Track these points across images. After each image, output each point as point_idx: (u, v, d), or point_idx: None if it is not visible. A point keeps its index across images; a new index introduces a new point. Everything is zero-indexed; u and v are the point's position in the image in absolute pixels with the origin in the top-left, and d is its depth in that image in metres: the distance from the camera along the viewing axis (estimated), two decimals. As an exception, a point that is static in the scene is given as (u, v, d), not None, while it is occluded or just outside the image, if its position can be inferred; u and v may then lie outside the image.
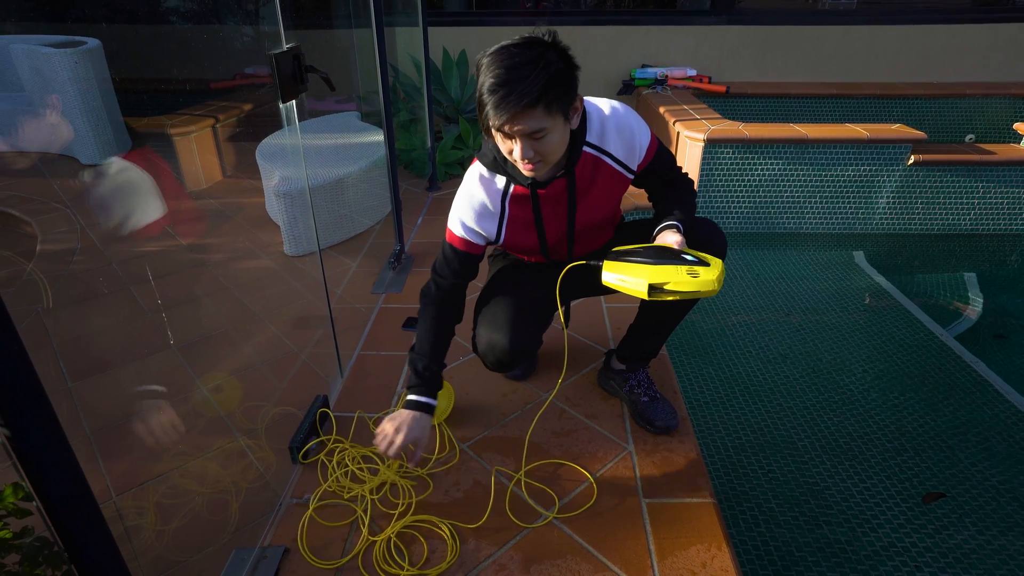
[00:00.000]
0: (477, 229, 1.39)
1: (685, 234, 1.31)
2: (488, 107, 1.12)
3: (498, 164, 1.32)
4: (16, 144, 3.29)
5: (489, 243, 1.44)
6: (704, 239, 1.38)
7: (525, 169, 1.22)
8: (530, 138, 1.15)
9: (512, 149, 1.18)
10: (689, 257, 1.20)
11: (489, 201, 1.37)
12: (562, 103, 1.15)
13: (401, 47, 3.99)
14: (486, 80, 1.12)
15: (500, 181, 1.36)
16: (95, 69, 3.04)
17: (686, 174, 1.45)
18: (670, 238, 1.26)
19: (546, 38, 1.14)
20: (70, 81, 2.97)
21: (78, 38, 3.05)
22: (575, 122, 1.23)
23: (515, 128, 1.13)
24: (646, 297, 1.18)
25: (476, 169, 1.37)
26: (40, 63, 3.05)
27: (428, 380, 1.41)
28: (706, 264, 1.19)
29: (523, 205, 1.37)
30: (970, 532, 1.61)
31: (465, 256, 1.42)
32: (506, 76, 1.09)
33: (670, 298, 1.19)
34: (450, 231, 1.42)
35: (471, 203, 1.37)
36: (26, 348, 0.67)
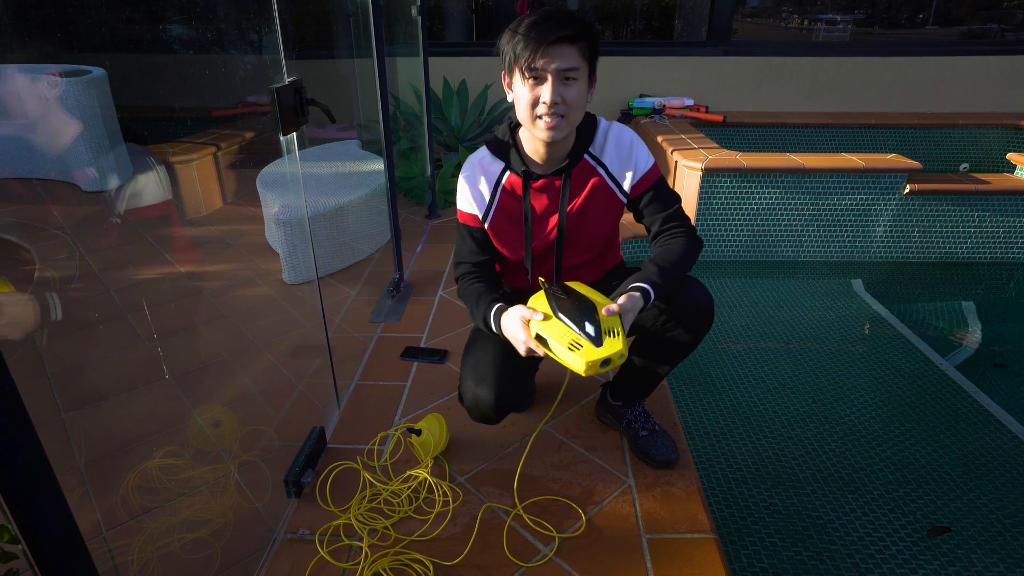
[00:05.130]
0: (474, 206, 1.42)
1: (659, 298, 1.28)
2: (529, 39, 1.16)
3: (501, 147, 1.36)
4: (17, 171, 3.30)
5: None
6: (686, 304, 1.35)
7: (546, 127, 1.23)
8: (561, 78, 1.18)
9: (539, 96, 1.20)
10: (590, 328, 1.15)
11: (483, 182, 1.40)
12: (593, 55, 1.21)
13: (402, 76, 4.05)
14: (525, 21, 1.17)
15: (497, 166, 1.39)
16: (99, 97, 3.08)
17: (693, 228, 1.40)
18: (618, 300, 1.22)
19: None
20: (74, 109, 3.01)
21: (83, 67, 3.10)
22: (591, 97, 1.27)
23: (551, 63, 1.17)
24: (534, 342, 1.19)
25: (480, 151, 1.42)
26: (44, 92, 3.09)
27: (491, 301, 1.35)
28: (598, 344, 1.13)
29: (514, 196, 1.39)
30: (976, 569, 1.58)
31: (479, 231, 1.44)
32: (551, 13, 1.16)
33: (550, 355, 1.18)
34: (459, 210, 1.46)
35: (468, 181, 1.41)
36: (17, 387, 0.66)
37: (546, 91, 1.20)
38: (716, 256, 3.36)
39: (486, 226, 1.43)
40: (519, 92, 1.23)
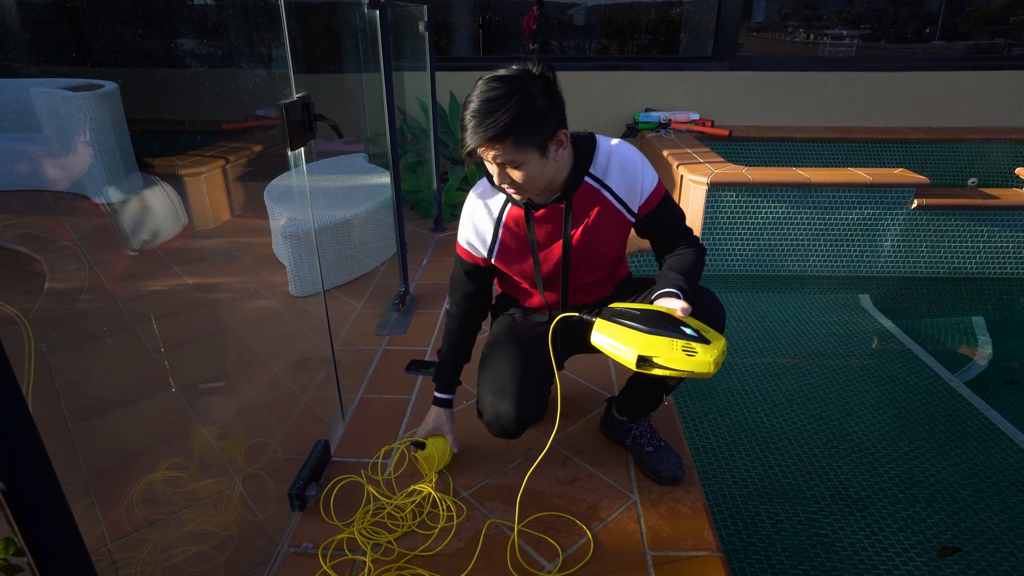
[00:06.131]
0: (474, 244, 1.44)
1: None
2: (464, 132, 1.19)
3: None
4: (30, 182, 3.35)
5: (486, 261, 1.48)
6: (704, 309, 1.34)
7: (510, 192, 1.28)
8: (504, 167, 1.21)
9: (493, 172, 1.24)
10: (689, 331, 1.10)
11: (484, 220, 1.41)
12: (534, 138, 1.17)
13: (409, 91, 4.09)
14: (467, 104, 1.19)
15: (498, 201, 1.39)
16: (111, 111, 3.12)
17: (696, 238, 1.42)
18: (674, 304, 1.19)
19: (536, 71, 1.18)
20: (86, 123, 3.05)
21: (96, 81, 3.15)
22: (560, 155, 1.25)
23: (488, 156, 1.19)
24: (633, 368, 1.10)
25: (481, 183, 1.43)
26: (58, 105, 3.14)
27: (441, 380, 1.57)
28: (706, 342, 1.08)
29: (518, 228, 1.39)
30: (988, 590, 1.55)
31: (470, 266, 1.49)
32: (480, 107, 1.15)
33: (659, 372, 1.09)
34: (457, 241, 1.49)
35: (469, 218, 1.44)
36: (24, 396, 0.66)
37: (495, 175, 1.23)
38: (722, 270, 3.35)
39: (493, 260, 1.45)
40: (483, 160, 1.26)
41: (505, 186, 1.25)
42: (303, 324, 2.49)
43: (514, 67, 1.19)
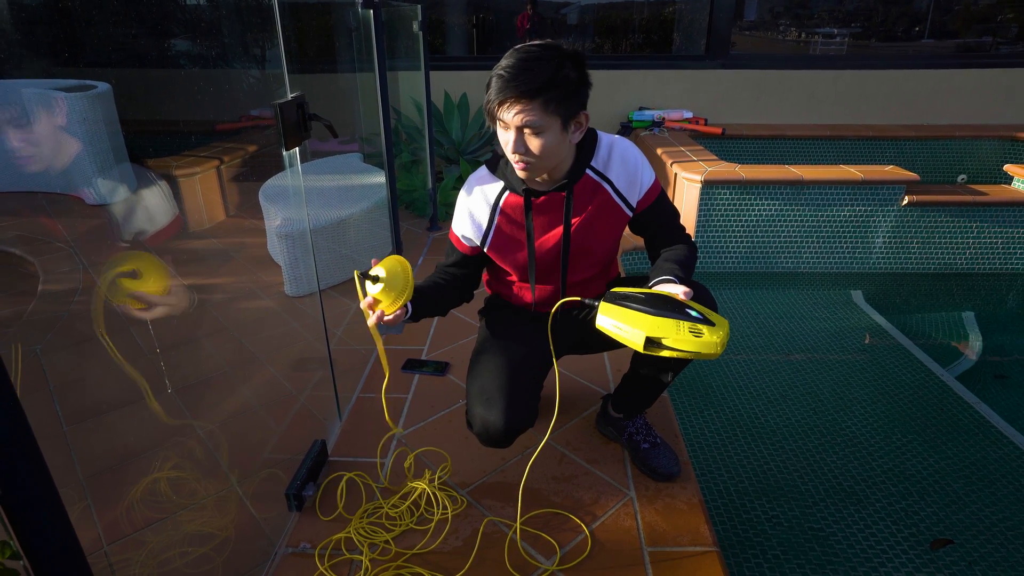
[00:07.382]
0: (469, 230, 1.43)
1: None
2: (492, 88, 1.18)
3: (499, 165, 1.35)
4: (22, 184, 3.33)
5: (477, 249, 1.46)
6: (697, 301, 1.36)
7: (517, 166, 1.26)
8: (523, 131, 1.19)
9: (508, 140, 1.23)
10: (694, 313, 1.11)
11: (481, 205, 1.40)
12: (562, 107, 1.18)
13: (403, 90, 4.09)
14: (500, 64, 1.18)
15: (495, 188, 1.38)
16: (104, 112, 3.10)
17: (689, 236, 1.44)
18: (675, 289, 1.19)
19: (569, 49, 1.20)
20: (79, 124, 3.04)
21: (89, 82, 3.13)
22: (576, 137, 1.26)
23: (511, 114, 1.18)
24: (641, 350, 1.12)
25: (480, 171, 1.42)
26: (50, 106, 3.12)
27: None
28: (711, 324, 1.10)
29: (514, 216, 1.39)
30: (980, 581, 1.57)
31: (459, 255, 1.48)
32: (518, 64, 1.15)
33: (667, 354, 1.11)
34: (451, 227, 1.48)
35: (465, 204, 1.42)
36: (19, 400, 0.67)
37: (511, 140, 1.22)
38: (716, 267, 3.37)
39: (486, 248, 1.44)
40: (497, 128, 1.25)
41: (516, 158, 1.23)
42: (299, 324, 2.48)
43: (548, 40, 1.20)
